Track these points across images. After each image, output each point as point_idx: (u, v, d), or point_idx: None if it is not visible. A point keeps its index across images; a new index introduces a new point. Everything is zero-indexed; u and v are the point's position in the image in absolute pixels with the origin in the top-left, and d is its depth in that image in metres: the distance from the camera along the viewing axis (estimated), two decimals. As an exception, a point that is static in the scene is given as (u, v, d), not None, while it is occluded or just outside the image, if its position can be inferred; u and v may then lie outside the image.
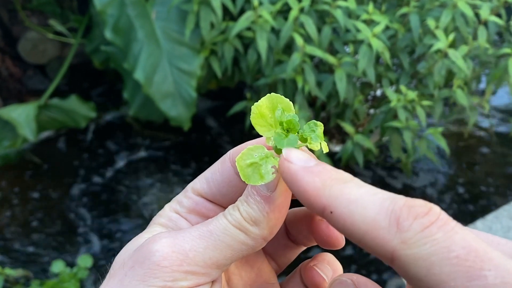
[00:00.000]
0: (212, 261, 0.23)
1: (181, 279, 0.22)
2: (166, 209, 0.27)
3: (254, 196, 0.24)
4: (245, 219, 0.23)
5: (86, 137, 1.64)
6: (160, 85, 1.27)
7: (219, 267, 0.23)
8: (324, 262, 0.27)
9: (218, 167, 0.26)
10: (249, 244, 0.23)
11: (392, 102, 1.06)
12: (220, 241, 0.23)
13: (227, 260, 0.23)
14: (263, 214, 0.23)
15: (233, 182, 0.26)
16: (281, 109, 0.23)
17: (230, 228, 0.23)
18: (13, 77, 1.75)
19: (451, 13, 1.09)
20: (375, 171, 1.51)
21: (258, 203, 0.23)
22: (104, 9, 1.26)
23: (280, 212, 0.24)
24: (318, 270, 0.26)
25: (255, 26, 1.08)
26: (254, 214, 0.23)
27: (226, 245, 0.23)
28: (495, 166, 1.58)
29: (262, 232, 0.23)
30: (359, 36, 1.07)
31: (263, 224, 0.23)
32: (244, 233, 0.23)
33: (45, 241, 1.35)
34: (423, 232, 0.18)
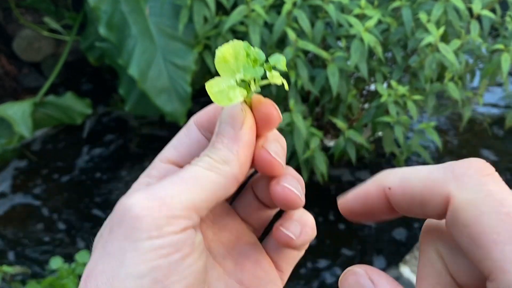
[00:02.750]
0: (189, 203, 0.22)
1: (164, 224, 0.21)
2: (133, 187, 0.26)
3: (221, 140, 0.24)
4: (215, 161, 0.24)
5: (82, 134, 1.65)
6: (155, 80, 1.28)
7: (196, 210, 0.22)
8: (290, 220, 0.26)
9: (184, 131, 0.27)
10: (222, 183, 0.23)
11: (383, 97, 1.07)
12: (192, 184, 0.23)
13: (203, 202, 0.23)
14: (233, 153, 0.24)
15: (201, 142, 0.26)
16: (246, 48, 0.24)
17: (201, 170, 0.23)
18: (9, 75, 1.75)
19: (443, 6, 1.09)
20: (368, 166, 1.52)
21: (226, 144, 0.24)
22: (98, 5, 1.27)
23: (248, 149, 0.24)
24: (284, 230, 0.26)
25: (248, 20, 1.08)
26: (224, 154, 0.24)
27: (199, 186, 0.23)
28: (490, 159, 1.59)
29: (233, 169, 0.24)
30: (351, 31, 1.07)
31: (233, 162, 0.24)
32: (215, 173, 0.23)
33: (42, 237, 1.36)
34: (480, 180, 0.18)
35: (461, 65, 1.13)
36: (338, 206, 0.23)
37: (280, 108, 1.01)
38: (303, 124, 1.01)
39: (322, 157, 1.05)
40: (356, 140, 1.10)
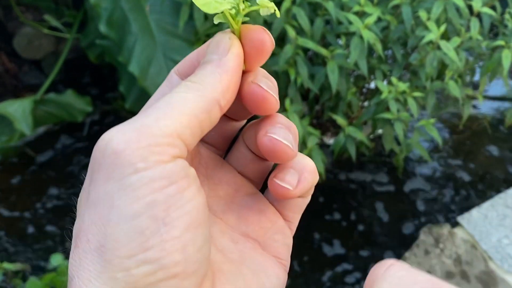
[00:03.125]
0: (170, 129, 0.19)
1: (149, 154, 0.18)
2: None
3: (203, 66, 0.22)
4: (193, 82, 0.21)
5: (83, 132, 1.65)
6: (155, 77, 1.28)
7: (180, 136, 0.20)
8: (285, 168, 0.24)
9: (165, 83, 0.25)
10: (202, 106, 0.20)
11: (383, 93, 1.07)
12: (170, 109, 0.20)
13: (185, 127, 0.20)
14: (215, 75, 0.21)
15: None
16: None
17: (178, 94, 0.21)
18: (9, 72, 1.75)
19: (443, 4, 1.09)
20: (368, 164, 1.52)
21: (207, 69, 0.22)
22: (98, 3, 1.27)
23: (232, 75, 0.22)
24: (278, 182, 0.23)
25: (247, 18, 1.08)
26: (205, 76, 0.21)
27: (177, 110, 0.20)
28: (490, 155, 1.59)
29: (214, 91, 0.21)
30: (351, 28, 1.07)
31: (215, 84, 0.21)
32: (193, 94, 0.21)
33: (43, 234, 1.36)
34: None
35: (461, 62, 1.13)
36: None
37: (281, 107, 1.00)
38: (299, 124, 1.01)
39: (319, 156, 1.05)
40: (356, 137, 1.10)
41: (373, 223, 1.39)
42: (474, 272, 1.22)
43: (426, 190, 1.48)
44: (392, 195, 1.46)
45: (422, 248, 1.26)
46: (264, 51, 0.23)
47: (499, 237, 1.29)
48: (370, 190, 1.47)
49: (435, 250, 1.25)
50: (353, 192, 1.46)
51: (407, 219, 1.41)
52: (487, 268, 1.22)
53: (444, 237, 1.28)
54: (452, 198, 1.47)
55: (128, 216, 0.18)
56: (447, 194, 1.48)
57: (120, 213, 0.18)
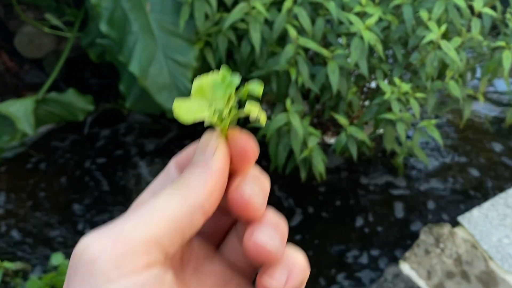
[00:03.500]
0: (148, 236, 0.19)
1: (123, 263, 0.18)
2: None
3: (189, 169, 0.22)
4: (178, 187, 0.21)
5: (84, 130, 1.65)
6: (155, 77, 1.28)
7: (158, 243, 0.19)
8: (273, 266, 0.23)
9: (163, 174, 0.25)
10: (184, 211, 0.20)
11: (386, 94, 1.07)
12: (150, 214, 0.20)
13: (165, 234, 0.20)
14: (199, 179, 0.21)
15: None
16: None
17: (162, 199, 0.21)
18: (10, 71, 1.75)
19: (444, 5, 1.09)
20: (369, 162, 1.52)
21: (193, 171, 0.22)
22: (99, 2, 1.27)
23: (218, 178, 0.22)
24: (265, 281, 0.22)
25: (249, 17, 1.08)
26: (189, 181, 0.21)
27: (158, 216, 0.20)
28: (491, 155, 1.59)
29: (198, 196, 0.21)
30: (351, 29, 1.07)
31: (199, 188, 0.21)
32: (177, 200, 0.21)
33: (44, 233, 1.36)
34: None
35: (462, 62, 1.13)
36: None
37: (281, 105, 1.01)
38: (299, 124, 1.01)
39: (320, 156, 1.05)
40: (358, 137, 1.10)
41: (372, 222, 1.39)
42: (474, 272, 1.22)
43: (427, 189, 1.48)
44: (392, 194, 1.46)
45: (422, 247, 1.26)
46: (248, 160, 0.23)
47: (499, 236, 1.29)
48: (370, 189, 1.47)
49: (436, 250, 1.25)
50: (353, 191, 1.46)
51: (407, 218, 1.41)
52: (487, 268, 1.22)
53: (445, 236, 1.28)
54: (453, 197, 1.47)
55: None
56: (447, 193, 1.48)
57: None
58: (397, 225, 1.39)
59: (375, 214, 1.41)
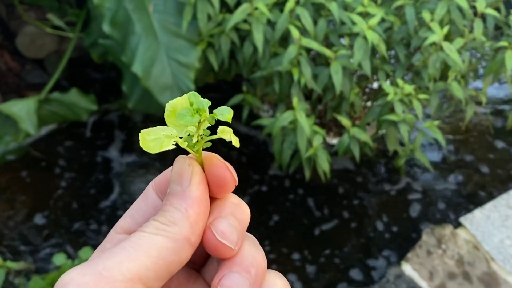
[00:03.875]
0: (132, 273, 0.19)
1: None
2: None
3: (169, 201, 0.21)
4: (161, 222, 0.21)
5: (86, 130, 1.65)
6: (158, 77, 1.28)
7: (142, 280, 0.19)
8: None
9: (141, 197, 0.24)
10: (171, 247, 0.20)
11: (389, 95, 1.07)
12: (135, 251, 0.19)
13: (150, 271, 0.19)
14: (181, 211, 0.21)
15: (159, 208, 0.23)
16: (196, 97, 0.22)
17: (145, 235, 0.20)
18: (12, 71, 1.75)
19: (447, 6, 1.09)
20: (370, 163, 1.52)
21: (173, 204, 0.21)
22: (101, 2, 1.27)
23: (199, 206, 0.21)
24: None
25: (251, 18, 1.08)
26: (172, 214, 0.21)
27: (144, 252, 0.19)
28: (493, 156, 1.59)
29: (182, 230, 0.21)
30: (354, 29, 1.07)
31: (182, 221, 0.21)
32: (162, 236, 0.20)
33: (46, 233, 1.36)
34: None
35: (464, 63, 1.13)
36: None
37: (283, 106, 1.01)
38: (306, 122, 1.01)
39: (324, 155, 1.05)
40: (360, 138, 1.10)
41: (375, 223, 1.39)
42: (476, 273, 1.21)
43: (428, 189, 1.48)
44: (394, 195, 1.46)
45: (424, 248, 1.26)
46: (225, 188, 0.22)
47: (501, 237, 1.29)
48: (371, 190, 1.47)
49: (438, 251, 1.25)
50: (355, 192, 1.46)
51: (409, 219, 1.41)
52: (489, 269, 1.22)
53: (447, 237, 1.28)
54: (455, 198, 1.47)
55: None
56: (449, 194, 1.48)
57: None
58: (398, 225, 1.39)
59: (376, 215, 1.41)
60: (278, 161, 1.10)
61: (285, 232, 1.35)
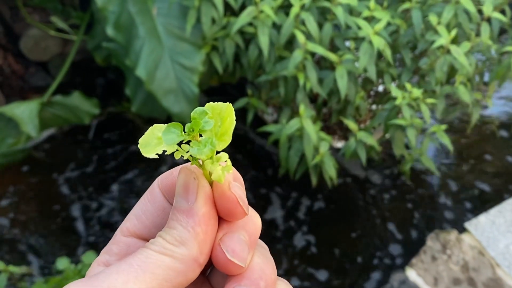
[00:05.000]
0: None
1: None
2: (93, 266, 0.23)
3: (175, 216, 0.21)
4: (168, 241, 0.20)
5: (89, 134, 1.65)
6: (162, 81, 1.27)
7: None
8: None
9: (147, 197, 0.23)
10: (178, 269, 0.20)
11: (397, 99, 1.06)
12: (142, 271, 0.19)
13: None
14: (188, 230, 0.20)
15: (166, 210, 0.23)
16: (206, 112, 0.20)
17: (153, 254, 0.20)
18: (15, 74, 1.75)
19: (454, 9, 1.08)
20: (376, 167, 1.51)
21: (180, 221, 0.20)
22: (105, 6, 1.26)
23: (206, 224, 0.20)
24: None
25: (257, 21, 1.08)
26: (179, 233, 0.20)
27: (150, 274, 0.19)
28: (498, 160, 1.57)
29: (190, 251, 0.20)
30: (360, 33, 1.06)
31: (190, 241, 0.20)
32: (170, 257, 0.20)
33: (49, 238, 1.36)
34: None
35: (471, 67, 1.12)
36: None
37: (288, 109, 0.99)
38: (312, 129, 1.00)
39: (331, 161, 1.05)
40: (367, 142, 1.10)
41: (379, 227, 1.38)
42: (481, 278, 1.20)
43: (434, 194, 1.47)
44: (399, 199, 1.45)
45: (429, 254, 1.25)
46: (234, 219, 0.21)
47: (506, 243, 1.27)
48: (376, 194, 1.46)
49: (442, 257, 1.24)
50: (360, 196, 1.45)
51: (414, 224, 1.40)
52: (494, 275, 1.21)
53: (452, 243, 1.27)
54: (460, 203, 1.46)
55: None
56: (455, 199, 1.47)
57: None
58: (402, 230, 1.38)
59: (380, 220, 1.40)
60: (285, 167, 1.09)
61: (289, 238, 1.34)
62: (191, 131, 0.20)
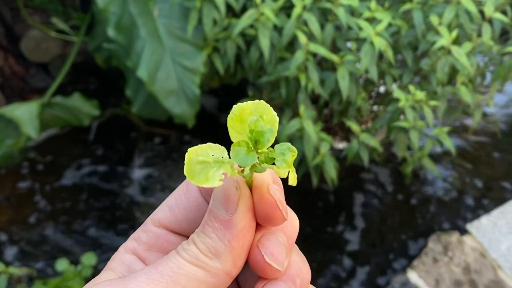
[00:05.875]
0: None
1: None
2: (120, 251, 0.22)
3: (212, 223, 0.20)
4: (202, 251, 0.19)
5: (89, 135, 1.65)
6: (163, 82, 1.27)
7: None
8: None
9: (183, 189, 0.23)
10: (210, 283, 0.19)
11: (400, 101, 1.06)
12: (173, 282, 0.18)
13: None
14: (224, 243, 0.19)
15: (201, 206, 0.22)
16: (260, 118, 0.20)
17: (185, 265, 0.19)
18: (16, 75, 1.75)
19: (455, 10, 1.08)
20: (378, 167, 1.51)
21: (217, 231, 0.20)
22: (106, 7, 1.26)
23: (244, 238, 0.20)
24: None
25: (258, 23, 1.08)
26: (213, 244, 0.19)
27: (181, 287, 0.19)
28: (500, 162, 1.57)
29: (224, 265, 0.19)
30: (361, 34, 1.06)
31: (225, 255, 0.19)
32: (202, 269, 0.19)
33: (48, 239, 1.35)
34: None
35: (473, 68, 1.12)
36: None
37: (290, 110, 0.99)
38: (313, 130, 1.00)
39: (332, 162, 1.04)
40: (370, 143, 1.09)
41: (380, 229, 1.38)
42: (483, 280, 1.20)
43: (435, 196, 1.46)
44: (400, 201, 1.45)
45: (430, 256, 1.24)
46: (273, 224, 0.20)
47: (508, 245, 1.27)
48: (378, 195, 1.46)
49: (444, 258, 1.24)
50: (361, 197, 1.45)
51: (415, 226, 1.39)
52: (496, 277, 1.21)
53: (453, 245, 1.26)
54: (461, 205, 1.45)
55: None
56: (456, 200, 1.46)
57: None
58: (404, 232, 1.38)
59: (381, 221, 1.40)
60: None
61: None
62: (256, 143, 0.19)
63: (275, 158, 0.19)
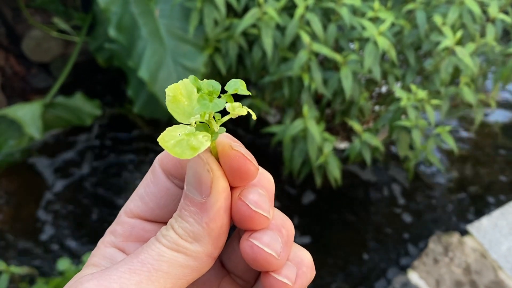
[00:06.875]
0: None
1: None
2: (99, 246, 0.22)
3: (188, 207, 0.20)
4: (181, 237, 0.19)
5: (91, 135, 1.65)
6: (164, 82, 1.27)
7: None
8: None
9: (150, 177, 0.23)
10: (193, 266, 0.19)
11: (402, 101, 1.06)
12: (155, 270, 0.18)
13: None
14: (202, 226, 0.19)
15: (170, 191, 0.22)
16: (195, 81, 0.20)
17: (165, 252, 0.19)
18: (17, 75, 1.75)
19: (458, 10, 1.08)
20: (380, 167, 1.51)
21: (193, 214, 0.19)
22: (108, 7, 1.26)
23: (221, 219, 0.20)
24: (276, 276, 0.21)
25: (260, 23, 1.08)
26: (191, 228, 0.19)
27: (164, 273, 0.18)
28: (501, 162, 1.57)
29: (205, 248, 0.19)
30: (364, 34, 1.06)
31: (204, 238, 0.19)
32: (183, 254, 0.19)
33: (50, 238, 1.35)
34: None
35: (476, 68, 1.12)
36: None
37: (292, 111, 0.99)
38: (316, 130, 1.00)
39: (335, 162, 1.04)
40: (372, 143, 1.09)
41: (380, 230, 1.38)
42: (483, 281, 1.20)
43: (436, 196, 1.46)
44: (401, 201, 1.45)
45: (431, 256, 1.24)
46: (246, 179, 0.20)
47: (509, 246, 1.27)
48: (378, 195, 1.46)
49: (444, 259, 1.24)
50: (362, 197, 1.45)
51: (416, 226, 1.39)
52: (496, 278, 1.21)
53: (454, 245, 1.26)
54: (463, 205, 1.45)
55: None
56: (458, 201, 1.46)
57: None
58: (404, 233, 1.38)
59: (382, 222, 1.40)
60: (289, 168, 1.09)
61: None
62: (211, 94, 0.20)
63: (236, 90, 0.20)
